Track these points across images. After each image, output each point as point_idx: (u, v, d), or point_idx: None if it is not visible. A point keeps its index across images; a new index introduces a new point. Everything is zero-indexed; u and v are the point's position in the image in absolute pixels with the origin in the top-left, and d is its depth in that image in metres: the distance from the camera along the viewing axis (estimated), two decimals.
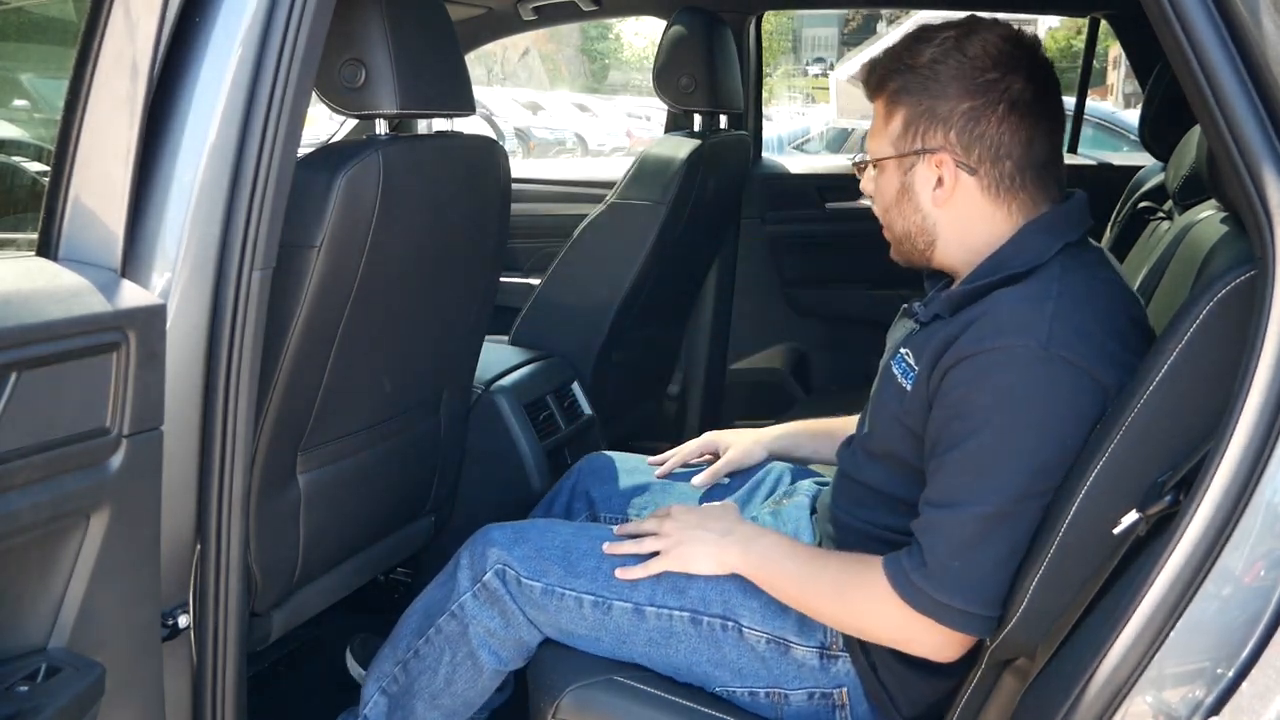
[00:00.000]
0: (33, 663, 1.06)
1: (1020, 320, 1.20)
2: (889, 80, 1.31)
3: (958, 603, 1.21)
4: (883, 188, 1.35)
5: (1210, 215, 1.55)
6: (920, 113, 1.28)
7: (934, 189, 1.30)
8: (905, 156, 1.30)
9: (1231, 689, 1.02)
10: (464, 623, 1.50)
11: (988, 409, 1.19)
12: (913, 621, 1.25)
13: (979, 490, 1.20)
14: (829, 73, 19.95)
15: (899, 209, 1.34)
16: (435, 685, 1.53)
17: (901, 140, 1.30)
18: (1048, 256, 1.26)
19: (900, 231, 1.36)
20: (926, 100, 1.28)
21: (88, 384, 1.05)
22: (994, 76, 1.26)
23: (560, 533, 1.52)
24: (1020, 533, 1.20)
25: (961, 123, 1.27)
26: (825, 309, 3.17)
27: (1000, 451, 1.19)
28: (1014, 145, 1.27)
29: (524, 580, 1.46)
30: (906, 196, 1.32)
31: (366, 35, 1.44)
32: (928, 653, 1.28)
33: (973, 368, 1.20)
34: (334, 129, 2.88)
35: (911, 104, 1.29)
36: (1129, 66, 3.12)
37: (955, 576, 1.21)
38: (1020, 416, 1.19)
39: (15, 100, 2.16)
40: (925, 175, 1.30)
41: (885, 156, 1.33)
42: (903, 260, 1.40)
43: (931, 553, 1.22)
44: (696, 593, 1.42)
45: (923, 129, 1.29)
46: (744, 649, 1.41)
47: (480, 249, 1.79)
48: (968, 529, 1.20)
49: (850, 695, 1.39)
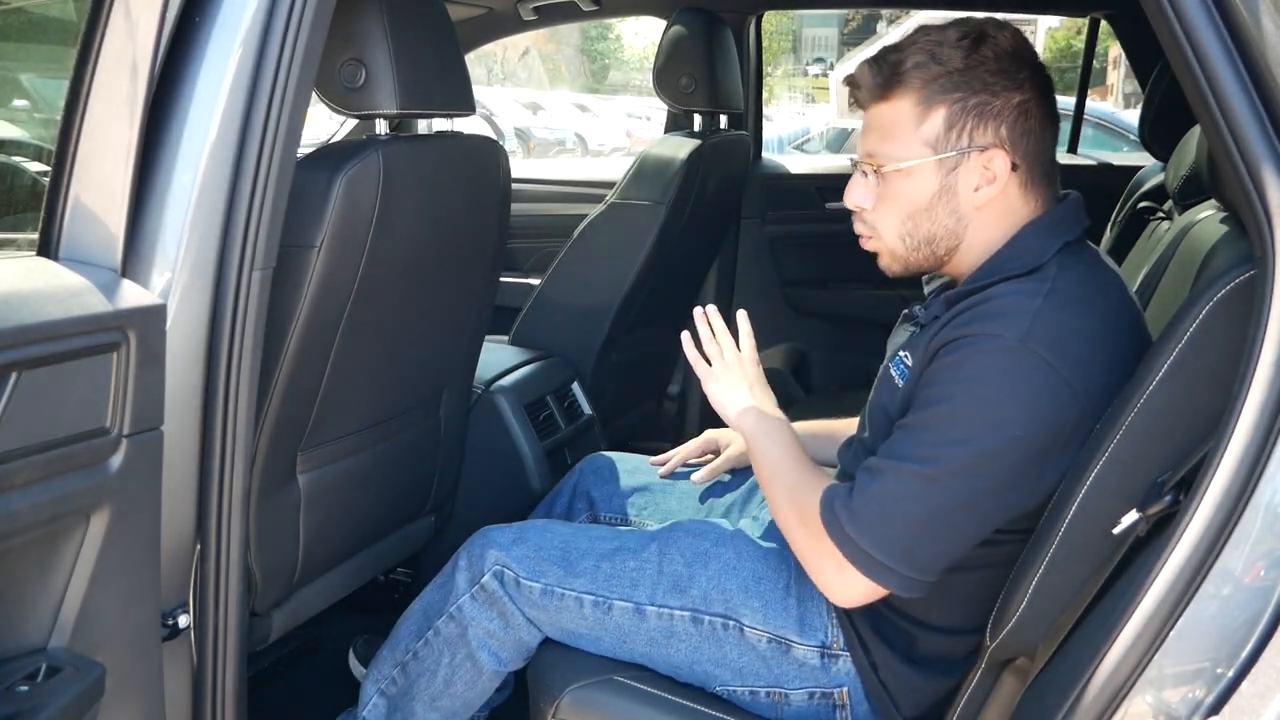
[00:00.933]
0: (33, 663, 1.06)
1: (1005, 313, 1.22)
2: (914, 81, 1.26)
3: (864, 543, 1.24)
4: (907, 192, 1.29)
5: (1210, 215, 1.55)
6: (968, 109, 1.25)
7: (976, 190, 1.27)
8: (948, 156, 1.26)
9: (1231, 689, 1.02)
10: (463, 624, 1.50)
11: (952, 383, 1.22)
12: (824, 546, 1.27)
13: (921, 452, 1.22)
14: (829, 73, 19.96)
15: (929, 213, 1.29)
16: (434, 687, 1.53)
17: (944, 140, 1.26)
18: (1046, 258, 1.26)
19: (924, 236, 1.31)
20: (974, 97, 1.25)
21: (88, 384, 1.05)
22: (1026, 75, 1.26)
23: (559, 533, 1.52)
24: (948, 505, 1.22)
25: (1013, 118, 1.25)
26: (825, 309, 3.17)
27: (953, 424, 1.22)
28: (1044, 142, 1.28)
29: (523, 581, 1.47)
30: (944, 198, 1.28)
31: (366, 35, 1.44)
32: (834, 590, 1.29)
33: (952, 349, 1.23)
34: (334, 129, 2.88)
35: (955, 102, 1.25)
36: (1129, 66, 3.11)
37: (869, 519, 1.24)
38: (980, 398, 1.21)
39: (15, 100, 2.16)
40: (971, 174, 1.27)
41: (920, 159, 1.27)
42: (903, 269, 1.37)
43: (860, 491, 1.25)
44: (698, 592, 1.42)
45: (970, 126, 1.25)
46: (745, 648, 1.41)
47: (480, 249, 1.79)
48: (898, 482, 1.23)
49: (850, 695, 1.39)
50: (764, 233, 3.11)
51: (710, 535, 1.48)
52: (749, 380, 1.50)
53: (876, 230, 1.34)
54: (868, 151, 1.32)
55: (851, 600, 1.29)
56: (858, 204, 1.35)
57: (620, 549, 1.48)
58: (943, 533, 1.24)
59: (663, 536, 1.49)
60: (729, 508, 1.71)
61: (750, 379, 1.50)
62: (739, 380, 1.50)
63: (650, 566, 1.45)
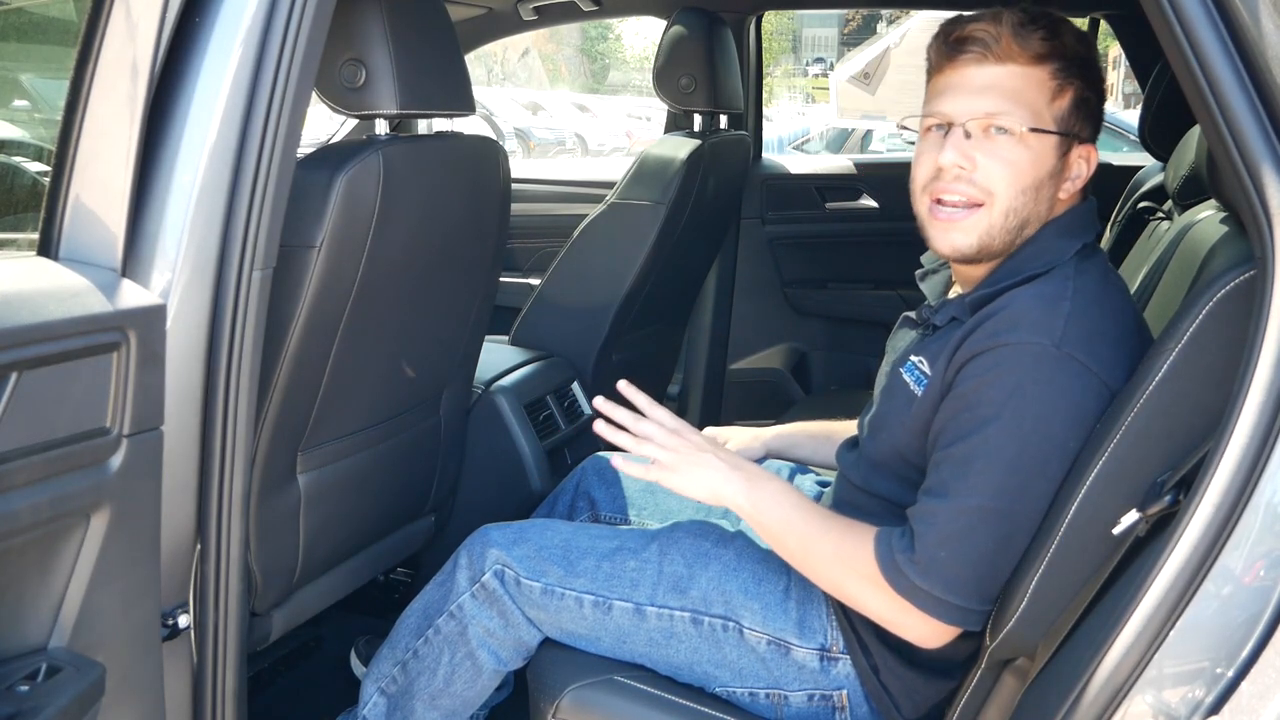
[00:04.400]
0: (33, 663, 1.06)
1: (1036, 318, 1.19)
2: (1065, 53, 1.23)
3: (939, 592, 1.21)
4: (1028, 161, 1.23)
5: (1210, 215, 1.55)
6: (1085, 100, 1.25)
7: (1067, 178, 1.27)
8: (1066, 137, 1.24)
9: (1231, 689, 1.02)
10: (463, 623, 1.50)
11: (996, 404, 1.18)
12: (898, 604, 1.24)
13: (976, 484, 1.20)
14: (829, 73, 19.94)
15: (1034, 190, 1.24)
16: (434, 685, 1.53)
17: (1068, 120, 1.24)
18: (1065, 258, 1.26)
19: (1026, 215, 1.25)
20: (1088, 91, 1.25)
21: (88, 384, 1.05)
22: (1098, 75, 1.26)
23: (559, 532, 1.52)
24: (1013, 530, 1.20)
25: (1097, 118, 1.27)
26: (825, 309, 3.17)
27: (1002, 447, 1.19)
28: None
29: (523, 580, 1.46)
30: (1052, 179, 1.25)
31: (366, 35, 1.44)
32: (914, 638, 1.27)
33: (986, 362, 1.20)
34: (334, 129, 2.88)
35: (1082, 88, 1.24)
36: (1129, 66, 3.11)
37: (940, 566, 1.21)
38: (1027, 414, 1.18)
39: (15, 100, 2.16)
40: (1074, 164, 1.27)
41: (1051, 130, 1.23)
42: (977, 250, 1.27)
43: (921, 540, 1.22)
44: (698, 593, 1.42)
45: (1082, 116, 1.25)
46: (745, 650, 1.40)
47: (480, 249, 1.79)
48: (960, 520, 1.20)
49: (850, 698, 1.38)
50: (764, 233, 3.11)
51: (711, 536, 1.47)
52: (699, 447, 1.34)
53: (991, 193, 1.25)
54: (987, 111, 1.24)
55: (941, 643, 1.26)
56: (955, 162, 1.24)
57: (620, 549, 1.47)
58: (1010, 556, 1.21)
59: (663, 536, 1.48)
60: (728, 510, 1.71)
61: (699, 444, 1.34)
62: (693, 455, 1.33)
63: (650, 567, 1.45)
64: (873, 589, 1.26)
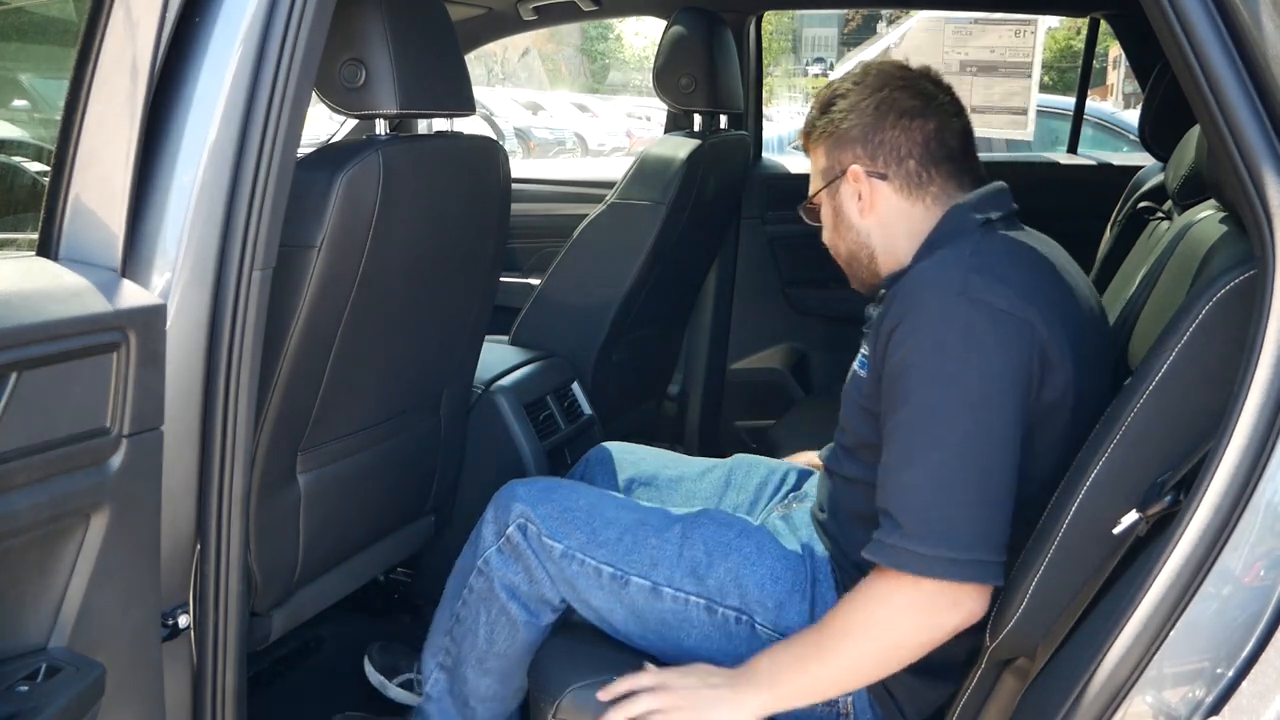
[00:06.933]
0: (33, 663, 1.06)
1: (938, 276, 1.28)
2: (810, 135, 1.50)
3: (947, 551, 1.19)
4: (825, 220, 1.51)
5: (1210, 215, 1.55)
6: (833, 143, 1.45)
7: (857, 202, 1.44)
8: (831, 183, 1.47)
9: (1231, 689, 1.02)
10: (490, 578, 1.54)
11: (923, 363, 1.24)
12: (923, 592, 1.21)
13: (934, 438, 1.22)
14: (829, 73, 19.93)
15: (839, 233, 1.49)
16: (479, 648, 1.56)
17: (826, 172, 1.47)
18: (967, 230, 1.35)
19: (846, 254, 1.50)
20: (835, 131, 1.45)
21: (88, 384, 1.05)
22: (884, 95, 1.42)
23: (585, 495, 1.54)
24: (988, 470, 1.21)
25: (860, 135, 1.43)
26: (825, 309, 3.16)
27: (944, 398, 1.23)
28: (911, 145, 1.41)
29: (545, 539, 1.49)
30: (840, 217, 1.47)
31: (366, 35, 1.44)
32: (959, 619, 1.22)
33: (904, 330, 1.26)
34: (334, 129, 2.88)
35: (825, 140, 1.47)
36: (1129, 66, 3.11)
37: (936, 526, 1.20)
38: (949, 359, 1.23)
39: (15, 100, 2.16)
40: (848, 192, 1.45)
41: (817, 190, 1.50)
42: (859, 285, 1.52)
43: (904, 514, 1.22)
44: (714, 582, 1.44)
45: (836, 154, 1.45)
46: (756, 645, 1.41)
47: (480, 249, 1.79)
48: (931, 477, 1.22)
49: (855, 704, 1.39)
50: (764, 233, 3.11)
51: (735, 527, 1.49)
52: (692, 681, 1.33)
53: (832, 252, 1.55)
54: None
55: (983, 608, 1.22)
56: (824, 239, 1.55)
57: (644, 523, 1.49)
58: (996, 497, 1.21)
59: (688, 520, 1.50)
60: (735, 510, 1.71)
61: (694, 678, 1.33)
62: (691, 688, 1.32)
63: (671, 547, 1.46)
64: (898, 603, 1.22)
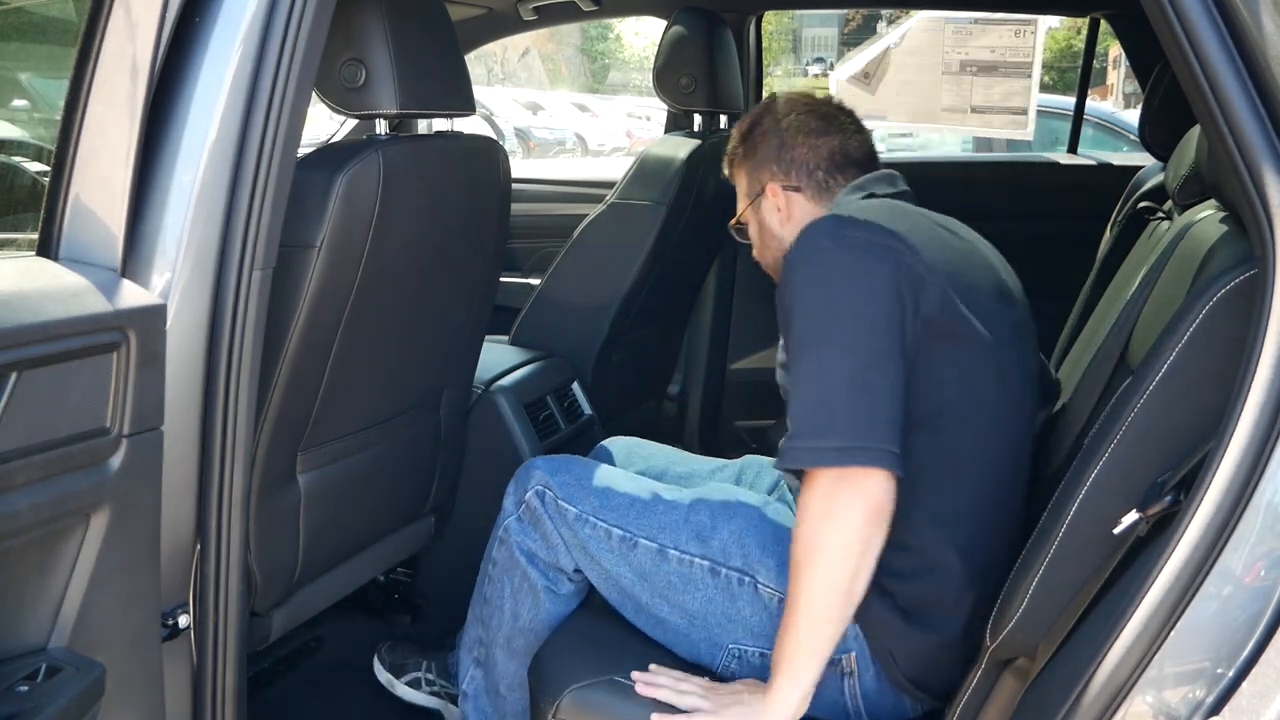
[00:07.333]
0: (33, 663, 1.06)
1: (808, 231, 1.39)
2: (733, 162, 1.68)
3: (832, 440, 1.26)
4: (752, 237, 1.68)
5: (1210, 215, 1.55)
6: (752, 165, 1.63)
7: (777, 214, 1.60)
8: (754, 201, 1.63)
9: (1231, 689, 1.02)
10: (509, 546, 1.60)
11: (796, 301, 1.35)
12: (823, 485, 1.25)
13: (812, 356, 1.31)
14: (829, 73, 19.92)
15: (765, 243, 1.65)
16: (505, 626, 1.61)
17: (749, 192, 1.65)
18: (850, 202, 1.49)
19: (773, 261, 1.62)
20: (753, 155, 1.62)
21: (88, 384, 1.05)
22: (791, 119, 1.60)
23: (602, 470, 1.62)
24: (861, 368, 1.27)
25: (774, 155, 1.60)
26: None
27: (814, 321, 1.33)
28: (819, 159, 1.58)
29: (561, 502, 1.56)
30: (764, 230, 1.64)
31: (366, 35, 1.44)
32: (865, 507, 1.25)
33: (781, 284, 1.39)
34: (334, 129, 2.88)
35: (745, 163, 1.64)
36: (1129, 66, 3.11)
37: (820, 422, 1.28)
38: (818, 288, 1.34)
39: (15, 100, 2.15)
40: (768, 206, 1.61)
41: (743, 209, 1.67)
42: None
43: (795, 422, 1.30)
44: (719, 543, 1.48)
45: (756, 175, 1.63)
46: (758, 605, 1.44)
47: (480, 249, 1.79)
48: (814, 385, 1.30)
49: (859, 660, 1.40)
50: None
51: (740, 495, 1.56)
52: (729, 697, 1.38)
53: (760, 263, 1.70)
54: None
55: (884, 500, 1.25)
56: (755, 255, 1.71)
57: (654, 493, 1.57)
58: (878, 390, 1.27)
59: (697, 493, 1.57)
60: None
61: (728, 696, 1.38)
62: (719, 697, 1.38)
63: (678, 513, 1.52)
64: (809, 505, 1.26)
